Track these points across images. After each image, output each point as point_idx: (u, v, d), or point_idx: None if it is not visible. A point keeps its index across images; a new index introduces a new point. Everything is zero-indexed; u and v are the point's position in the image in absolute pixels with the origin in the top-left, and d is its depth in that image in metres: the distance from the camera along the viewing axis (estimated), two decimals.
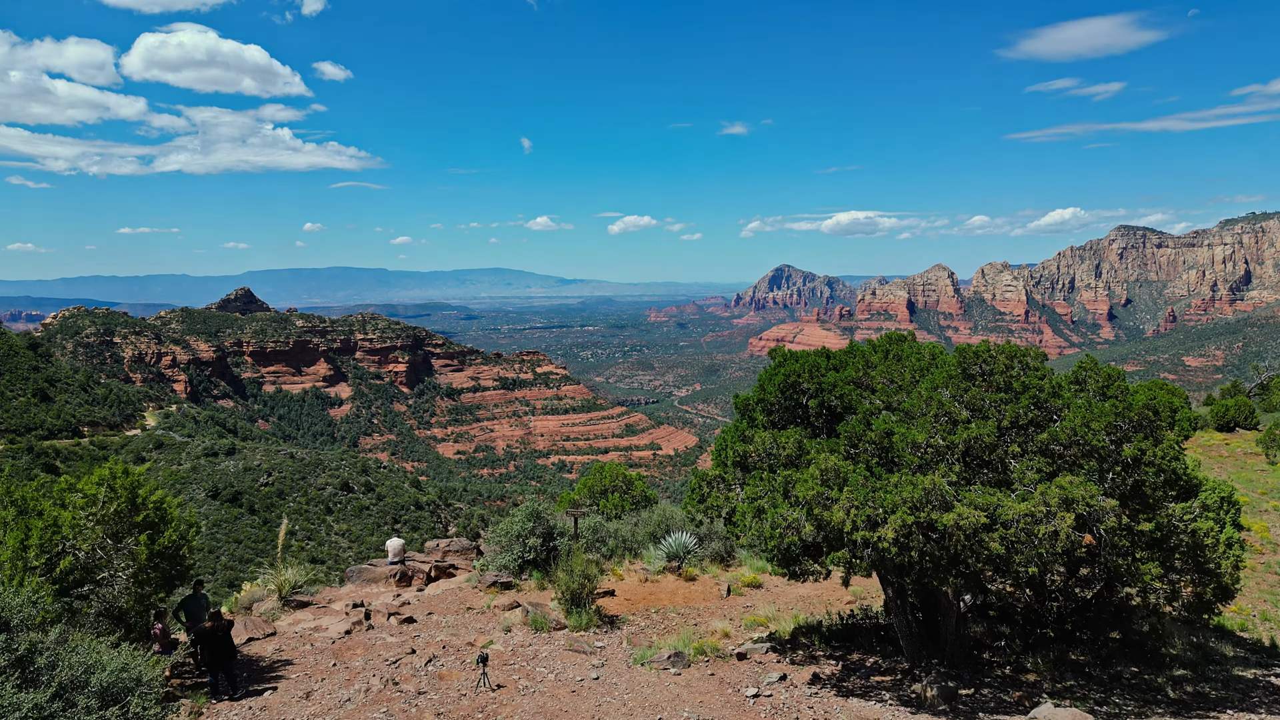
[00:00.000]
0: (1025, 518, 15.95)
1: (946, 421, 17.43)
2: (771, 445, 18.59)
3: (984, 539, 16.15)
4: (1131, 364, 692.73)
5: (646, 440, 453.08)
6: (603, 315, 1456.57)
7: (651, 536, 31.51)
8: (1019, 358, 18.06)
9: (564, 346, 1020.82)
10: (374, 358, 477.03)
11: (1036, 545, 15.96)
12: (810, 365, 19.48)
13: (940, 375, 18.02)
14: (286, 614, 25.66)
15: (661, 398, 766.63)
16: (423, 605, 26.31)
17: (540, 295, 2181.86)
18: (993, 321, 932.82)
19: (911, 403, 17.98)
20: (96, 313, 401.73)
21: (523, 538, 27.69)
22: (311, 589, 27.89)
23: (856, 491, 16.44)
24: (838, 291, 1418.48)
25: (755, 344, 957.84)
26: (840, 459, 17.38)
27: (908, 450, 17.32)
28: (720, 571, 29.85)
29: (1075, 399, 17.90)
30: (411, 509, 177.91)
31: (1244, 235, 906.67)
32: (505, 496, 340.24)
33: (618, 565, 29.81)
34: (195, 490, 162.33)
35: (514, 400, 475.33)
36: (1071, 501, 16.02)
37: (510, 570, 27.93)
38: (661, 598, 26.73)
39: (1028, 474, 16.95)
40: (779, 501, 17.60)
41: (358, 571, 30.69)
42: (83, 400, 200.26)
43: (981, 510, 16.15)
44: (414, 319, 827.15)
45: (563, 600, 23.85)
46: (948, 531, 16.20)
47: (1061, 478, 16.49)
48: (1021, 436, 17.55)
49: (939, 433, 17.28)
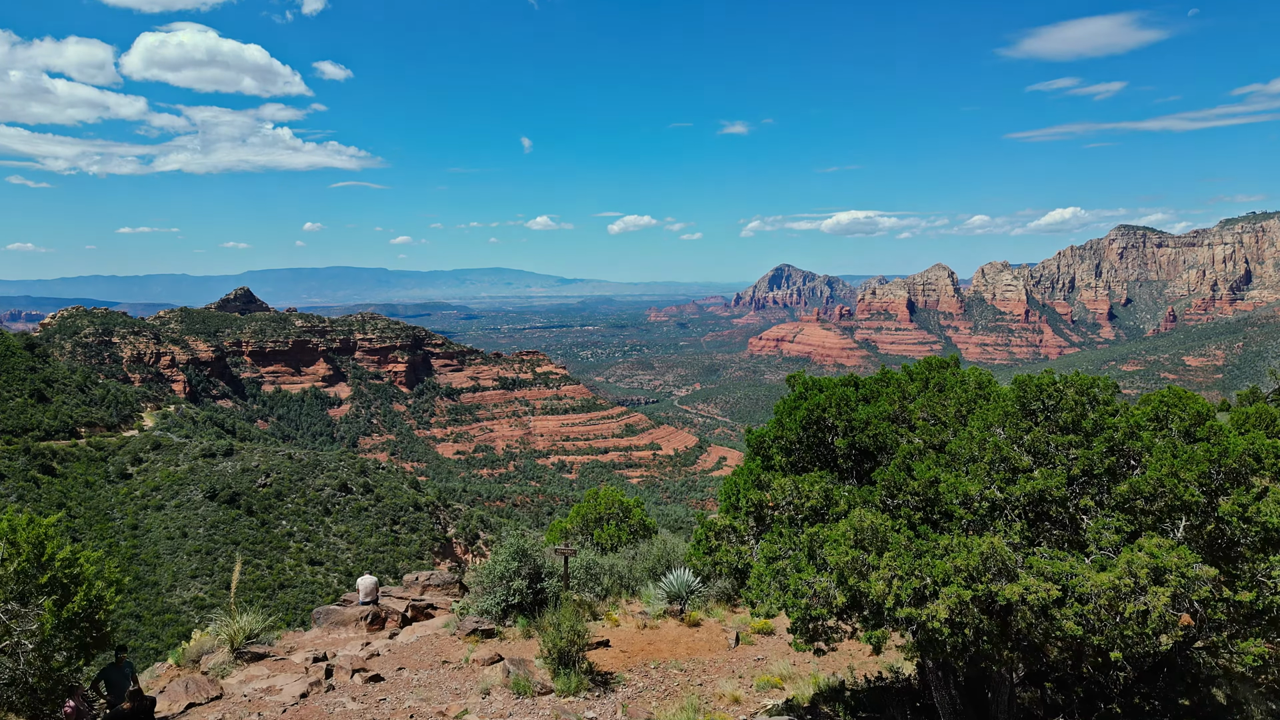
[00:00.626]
0: (1108, 592, 13.04)
1: (1004, 469, 14.50)
2: (793, 494, 15.66)
3: (1056, 616, 13.25)
4: (1132, 364, 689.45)
5: (646, 440, 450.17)
6: (603, 315, 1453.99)
7: (651, 573, 28.61)
8: (1089, 391, 15.11)
9: (564, 346, 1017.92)
10: (373, 358, 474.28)
11: (1122, 626, 13.06)
12: (838, 398, 16.49)
13: (994, 412, 15.08)
14: (239, 669, 22.75)
15: (661, 397, 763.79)
16: (393, 657, 23.39)
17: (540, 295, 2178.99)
18: (993, 321, 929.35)
19: (960, 444, 15.06)
20: (95, 313, 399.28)
21: (507, 579, 24.76)
22: (271, 635, 24.98)
23: (900, 557, 13.52)
24: (838, 291, 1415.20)
25: (755, 344, 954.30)
26: (877, 513, 14.45)
27: (958, 504, 14.40)
28: (727, 614, 26.93)
29: (1157, 441, 14.95)
30: (410, 510, 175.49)
31: (1244, 235, 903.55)
32: (505, 497, 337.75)
33: (613, 608, 26.89)
34: (193, 491, 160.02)
35: (514, 400, 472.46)
36: (1163, 571, 13.12)
37: (492, 615, 25.00)
38: (662, 648, 23.81)
39: (1104, 534, 14.02)
40: (803, 564, 14.68)
41: (325, 613, 27.75)
42: (80, 401, 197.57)
43: (1052, 581, 13.26)
44: (414, 319, 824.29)
45: (549, 659, 20.93)
46: (1011, 607, 13.31)
47: (1146, 540, 13.58)
48: (1095, 488, 14.61)
49: (996, 483, 14.36)
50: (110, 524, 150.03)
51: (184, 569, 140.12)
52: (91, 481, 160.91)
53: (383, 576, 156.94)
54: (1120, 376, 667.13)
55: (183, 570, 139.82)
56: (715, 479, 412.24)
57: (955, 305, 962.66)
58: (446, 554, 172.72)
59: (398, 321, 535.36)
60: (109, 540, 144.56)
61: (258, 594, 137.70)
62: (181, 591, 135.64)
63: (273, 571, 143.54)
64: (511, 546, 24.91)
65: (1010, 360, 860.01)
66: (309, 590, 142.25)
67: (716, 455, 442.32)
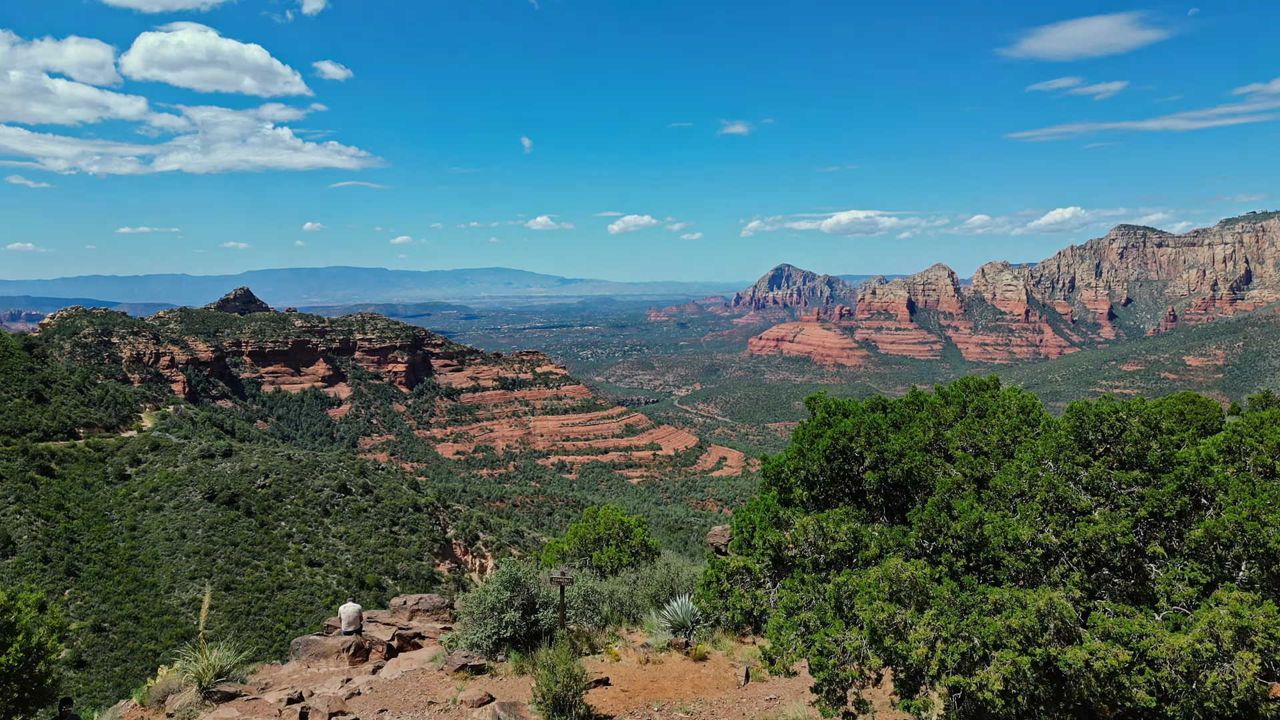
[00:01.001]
0: (1186, 657, 11.26)
1: (1061, 510, 12.71)
2: (816, 535, 13.86)
3: (1125, 684, 11.47)
4: (1132, 363, 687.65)
5: (646, 440, 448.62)
6: (603, 315, 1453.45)
7: (653, 599, 26.84)
8: (1153, 420, 13.29)
9: (564, 346, 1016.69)
10: (373, 358, 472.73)
11: (1202, 697, 11.28)
12: (868, 426, 14.63)
13: (1046, 444, 13.28)
14: (207, 710, 20.97)
15: (661, 397, 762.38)
16: (375, 697, 21.61)
17: (540, 295, 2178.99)
18: (993, 321, 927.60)
19: (1006, 479, 13.27)
20: (94, 313, 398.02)
21: (498, 610, 22.97)
22: (244, 671, 23.17)
23: (944, 615, 11.73)
24: (838, 291, 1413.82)
25: (755, 343, 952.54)
26: (915, 561, 12.65)
27: (1007, 550, 12.61)
28: (735, 645, 25.12)
29: (1232, 478, 13.15)
30: (410, 511, 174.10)
31: (1244, 235, 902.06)
32: (505, 497, 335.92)
33: (613, 640, 25.10)
34: (191, 492, 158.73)
35: (514, 400, 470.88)
36: (1247, 631, 11.34)
37: (483, 650, 23.19)
38: (666, 687, 22.03)
39: (1177, 586, 12.24)
40: (830, 617, 12.89)
41: (304, 644, 25.92)
42: (79, 401, 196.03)
43: (1121, 644, 11.47)
44: (414, 319, 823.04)
45: (542, 704, 19.15)
46: (1074, 673, 11.53)
47: (1225, 592, 11.81)
48: (1163, 531, 12.82)
49: (1051, 526, 12.57)
50: (108, 525, 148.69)
51: (182, 570, 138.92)
52: (90, 483, 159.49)
53: (381, 578, 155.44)
54: (1120, 376, 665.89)
55: (181, 572, 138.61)
56: (715, 479, 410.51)
57: (955, 305, 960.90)
58: (446, 555, 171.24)
59: (397, 321, 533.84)
60: (107, 542, 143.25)
61: (256, 595, 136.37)
62: (180, 593, 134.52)
63: (271, 573, 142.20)
64: (504, 575, 23.12)
65: (1010, 360, 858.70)
66: (308, 591, 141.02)
67: (717, 455, 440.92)
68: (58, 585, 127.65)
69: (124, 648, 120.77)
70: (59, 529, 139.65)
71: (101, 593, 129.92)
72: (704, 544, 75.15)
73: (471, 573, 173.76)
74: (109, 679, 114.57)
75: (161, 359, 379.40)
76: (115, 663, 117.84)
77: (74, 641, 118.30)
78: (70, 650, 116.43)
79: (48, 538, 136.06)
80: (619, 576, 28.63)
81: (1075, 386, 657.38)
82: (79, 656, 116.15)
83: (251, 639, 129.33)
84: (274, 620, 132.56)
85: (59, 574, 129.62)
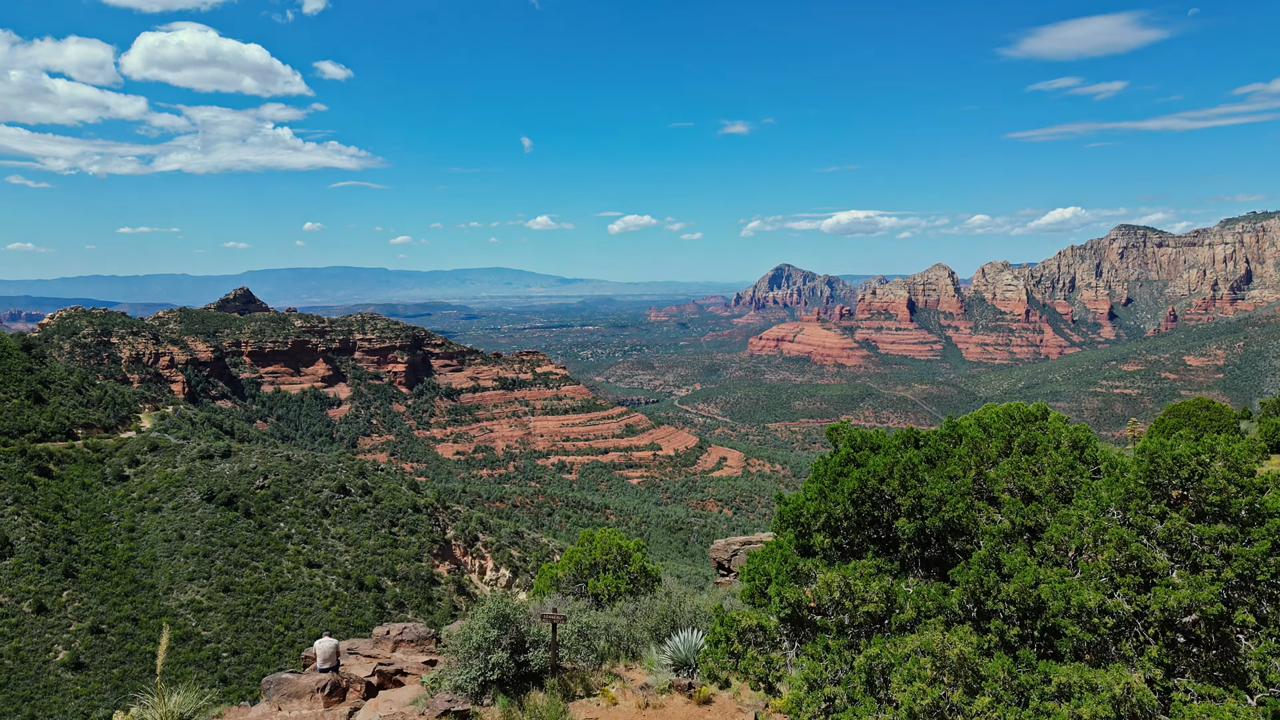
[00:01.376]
0: None
1: (1133, 570, 10.82)
2: (842, 592, 11.97)
3: None
4: (1132, 363, 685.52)
5: (646, 440, 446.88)
6: (603, 315, 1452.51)
7: (654, 633, 24.95)
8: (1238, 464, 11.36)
9: (564, 346, 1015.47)
10: (373, 358, 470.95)
11: None
12: (902, 467, 12.64)
13: (1113, 490, 11.38)
14: None
15: (661, 397, 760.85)
16: None
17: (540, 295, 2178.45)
18: (993, 321, 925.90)
19: (1063, 531, 11.38)
20: (94, 313, 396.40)
21: (484, 650, 21.07)
22: (209, 715, 21.28)
23: (1001, 703, 9.85)
24: (838, 291, 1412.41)
25: (755, 343, 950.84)
26: (959, 629, 10.76)
27: (1069, 618, 10.73)
28: (743, 684, 23.26)
29: None
30: (409, 511, 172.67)
31: (1245, 234, 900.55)
32: (505, 498, 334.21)
33: (610, 679, 23.21)
34: (190, 493, 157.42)
35: (514, 400, 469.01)
36: None
37: (467, 693, 21.28)
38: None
39: (1273, 664, 10.36)
40: (859, 694, 11.01)
41: (276, 683, 23.97)
42: (77, 402, 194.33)
43: None
44: (414, 319, 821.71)
45: None
46: None
47: None
48: (1253, 597, 10.93)
49: (1123, 590, 10.68)
50: (107, 526, 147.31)
51: (181, 571, 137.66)
52: (88, 484, 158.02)
53: (380, 579, 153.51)
54: (1121, 376, 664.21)
55: (180, 573, 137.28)
56: (715, 479, 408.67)
57: (956, 305, 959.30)
58: (446, 556, 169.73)
59: (397, 322, 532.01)
60: (105, 543, 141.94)
61: (255, 597, 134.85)
62: (179, 594, 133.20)
63: (270, 574, 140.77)
64: (491, 612, 21.21)
65: (1010, 360, 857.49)
66: (307, 593, 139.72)
67: (717, 455, 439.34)
68: (55, 587, 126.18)
69: (122, 649, 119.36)
70: (57, 530, 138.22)
71: (100, 594, 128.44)
72: (705, 544, 71.18)
73: (471, 574, 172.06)
74: (107, 681, 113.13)
75: (161, 359, 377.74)
76: (113, 664, 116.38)
77: (71, 644, 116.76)
78: (68, 652, 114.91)
79: (46, 539, 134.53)
80: (616, 606, 26.75)
81: (1076, 387, 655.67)
82: (77, 658, 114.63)
83: (250, 639, 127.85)
84: (273, 622, 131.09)
85: (57, 575, 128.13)
